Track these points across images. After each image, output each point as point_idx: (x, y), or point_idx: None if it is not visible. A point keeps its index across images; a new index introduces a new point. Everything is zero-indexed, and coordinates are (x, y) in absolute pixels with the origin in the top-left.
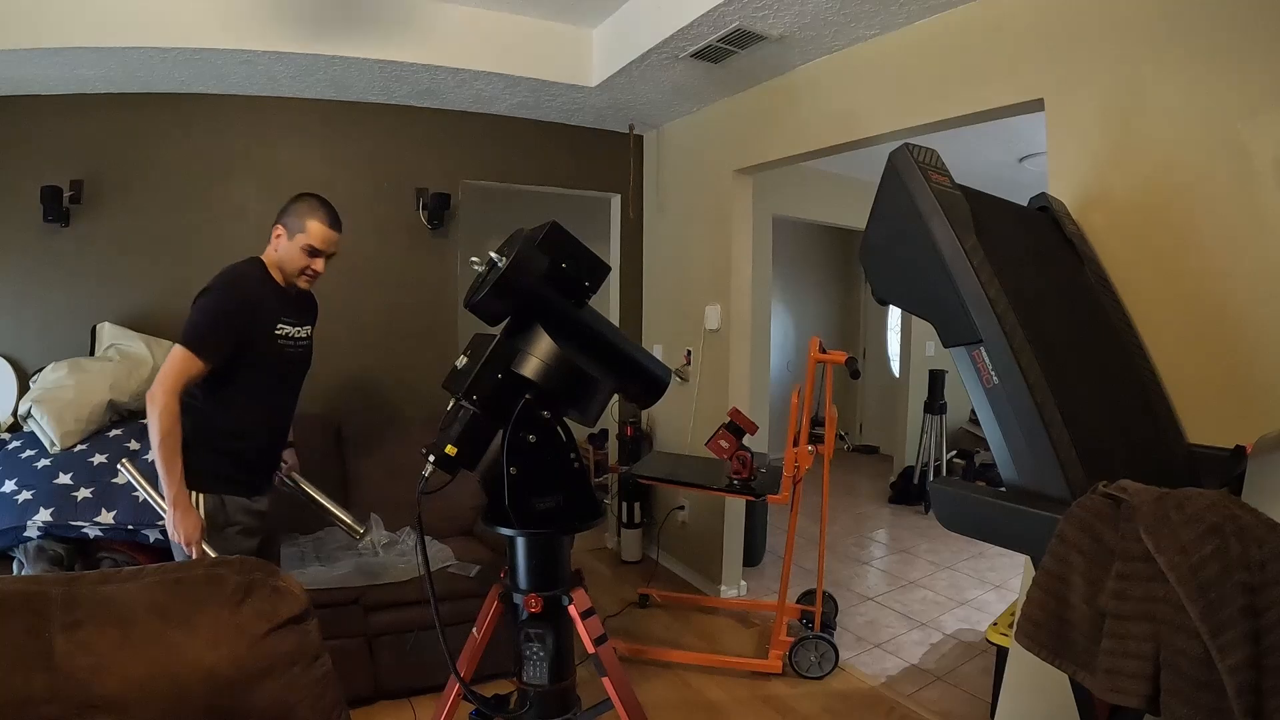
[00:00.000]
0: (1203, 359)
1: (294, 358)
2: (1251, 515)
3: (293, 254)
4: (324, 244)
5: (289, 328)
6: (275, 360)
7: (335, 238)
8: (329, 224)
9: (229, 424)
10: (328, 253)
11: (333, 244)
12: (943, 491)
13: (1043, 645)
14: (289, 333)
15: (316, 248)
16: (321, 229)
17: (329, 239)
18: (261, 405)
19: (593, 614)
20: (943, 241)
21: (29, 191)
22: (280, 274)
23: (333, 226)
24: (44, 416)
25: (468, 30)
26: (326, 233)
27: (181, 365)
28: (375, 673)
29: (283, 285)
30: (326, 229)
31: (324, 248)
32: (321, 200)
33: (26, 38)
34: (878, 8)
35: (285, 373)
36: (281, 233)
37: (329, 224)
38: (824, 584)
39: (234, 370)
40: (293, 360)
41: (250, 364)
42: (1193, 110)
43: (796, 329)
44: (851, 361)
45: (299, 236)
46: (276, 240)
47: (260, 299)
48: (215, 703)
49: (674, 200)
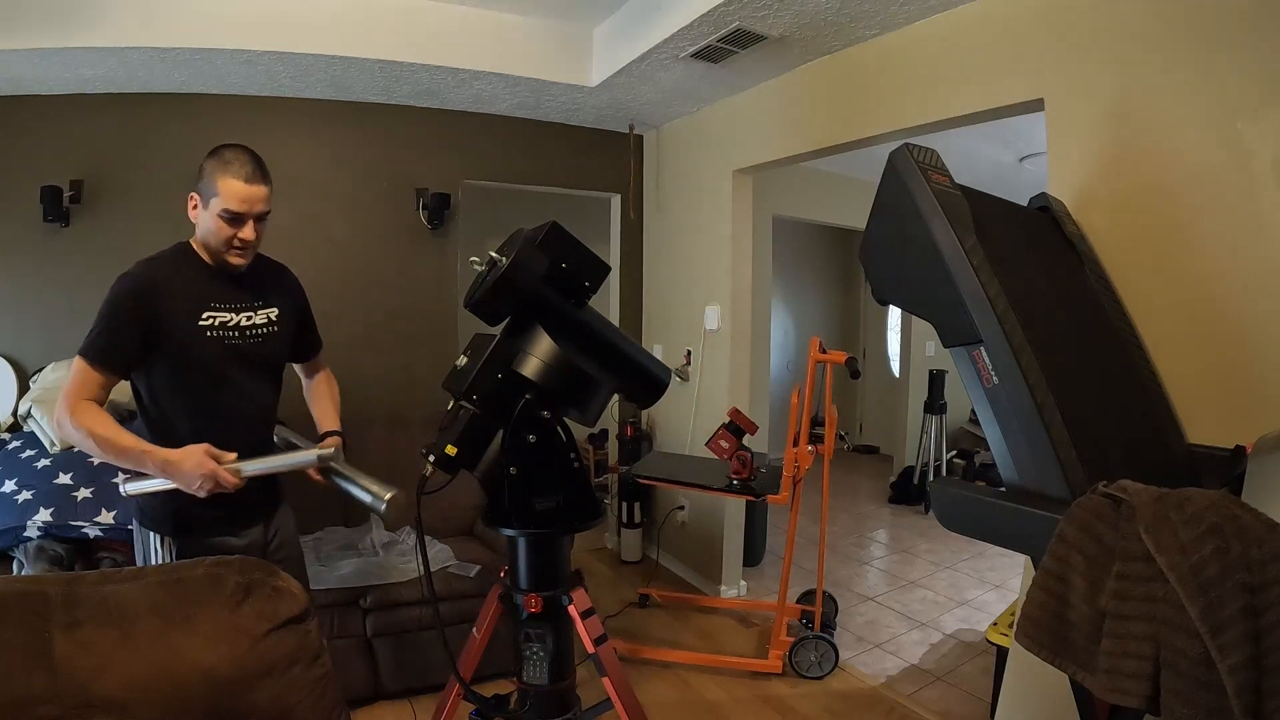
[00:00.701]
0: (1203, 359)
1: (240, 351)
2: (1251, 515)
3: (213, 226)
4: (244, 204)
5: (224, 314)
6: (209, 357)
7: (260, 193)
8: (246, 178)
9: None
10: (254, 213)
11: (259, 201)
12: (943, 491)
13: (1043, 645)
14: (225, 320)
15: (235, 211)
16: (237, 186)
17: (250, 196)
18: (204, 416)
19: (593, 614)
20: (943, 241)
21: (29, 191)
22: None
23: (252, 181)
24: (44, 417)
25: (467, 30)
26: (245, 189)
27: (76, 378)
28: (375, 673)
29: (213, 265)
30: (244, 184)
31: (245, 209)
32: (237, 150)
33: (26, 38)
34: (878, 8)
35: (226, 371)
36: (196, 201)
37: (246, 178)
38: (824, 584)
39: (157, 377)
40: (239, 354)
41: (174, 366)
42: (1193, 110)
43: (796, 329)
44: (851, 361)
45: (214, 202)
46: (193, 212)
47: (169, 283)
48: (215, 703)
49: (674, 200)
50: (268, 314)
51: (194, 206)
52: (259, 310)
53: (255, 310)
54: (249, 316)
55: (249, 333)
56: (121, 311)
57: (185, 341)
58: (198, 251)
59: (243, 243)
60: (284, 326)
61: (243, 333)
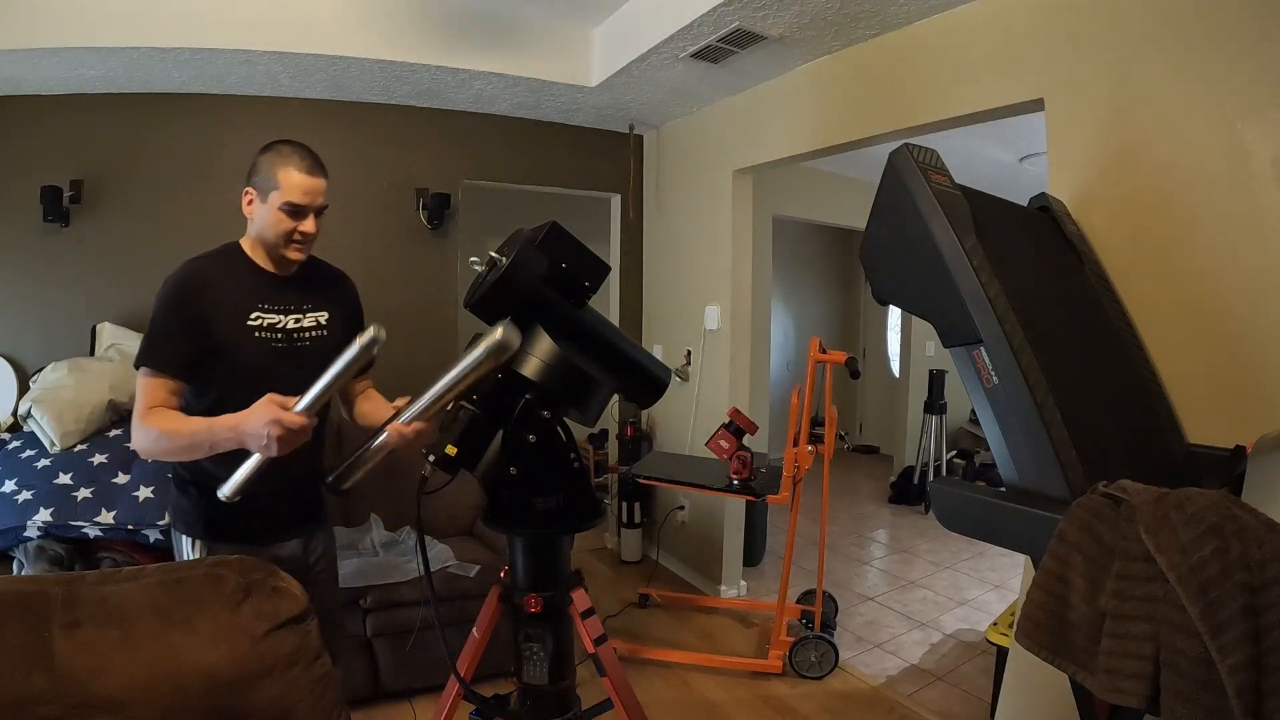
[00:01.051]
0: (1203, 359)
1: (288, 354)
2: (1251, 515)
3: (272, 220)
4: (306, 197)
5: (272, 316)
6: (255, 359)
7: (320, 185)
8: (308, 170)
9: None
10: (314, 207)
11: (318, 194)
12: (943, 491)
13: (1043, 645)
14: (274, 322)
15: (297, 203)
16: (299, 179)
17: (311, 189)
18: None
19: (593, 614)
20: (943, 241)
21: (29, 191)
22: (263, 250)
23: (313, 173)
24: (44, 416)
25: (467, 30)
26: (306, 181)
27: (139, 394)
28: (375, 673)
29: (264, 266)
30: (306, 176)
31: (307, 201)
32: (293, 145)
33: (26, 38)
34: (878, 8)
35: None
36: (253, 196)
37: (308, 170)
38: (824, 584)
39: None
40: (288, 357)
41: (223, 368)
42: (1193, 110)
43: (796, 329)
44: (851, 361)
45: (273, 195)
46: (249, 208)
47: (217, 280)
48: (215, 703)
49: (674, 200)
50: (316, 317)
51: (249, 202)
52: (307, 313)
53: (304, 313)
54: (297, 319)
55: (296, 336)
56: (170, 311)
57: (233, 341)
58: (247, 252)
59: (303, 236)
60: (333, 332)
61: (289, 336)
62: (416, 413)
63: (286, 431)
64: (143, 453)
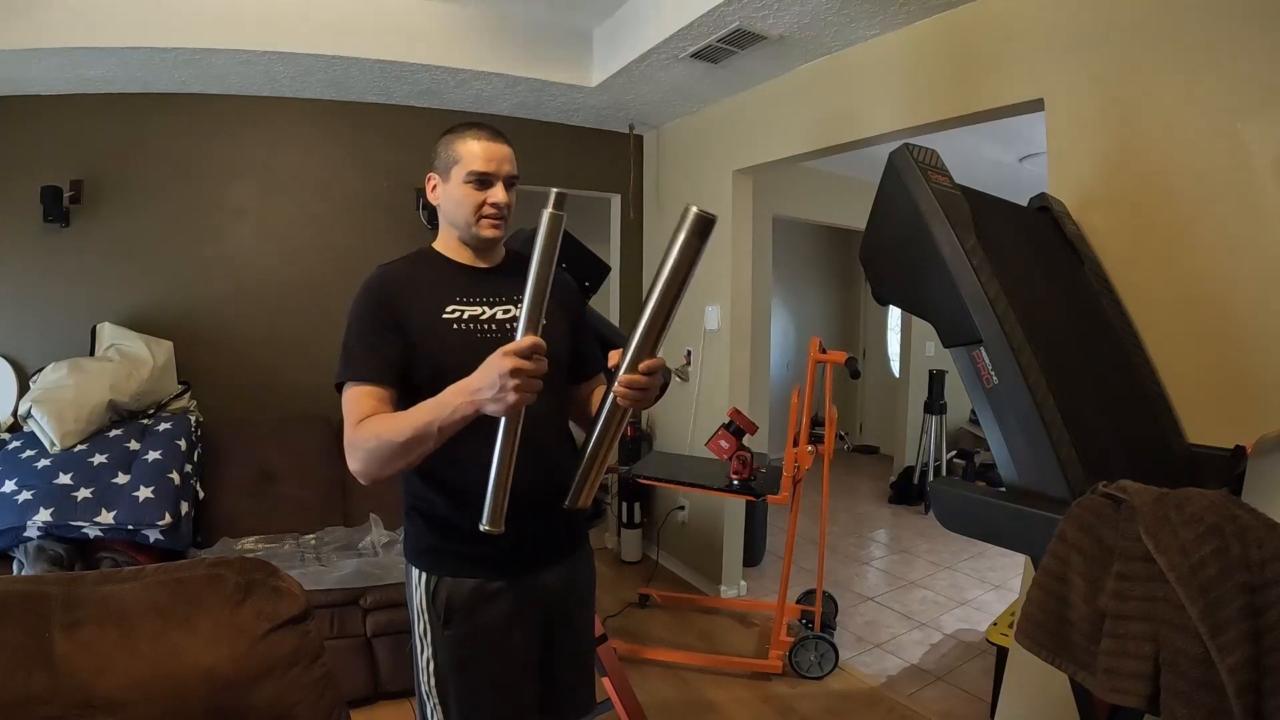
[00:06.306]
0: (1203, 359)
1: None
2: (1251, 515)
3: (459, 196)
4: (490, 163)
5: (473, 308)
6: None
7: (504, 151)
8: (489, 138)
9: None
10: (503, 174)
11: (504, 160)
12: (943, 491)
13: (1043, 645)
14: (476, 314)
15: (483, 172)
16: (480, 146)
17: (495, 154)
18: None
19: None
20: (943, 241)
21: (29, 191)
22: (456, 240)
23: (495, 139)
24: (44, 416)
25: (467, 30)
26: (489, 146)
27: (349, 406)
28: (375, 673)
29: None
30: (487, 143)
31: (493, 169)
32: (470, 123)
33: (26, 38)
34: (878, 8)
35: None
36: (435, 180)
37: (489, 138)
38: (824, 584)
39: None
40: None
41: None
42: (1193, 110)
43: (796, 329)
44: (851, 361)
45: (455, 170)
46: (433, 193)
47: (408, 278)
48: (215, 703)
49: (674, 200)
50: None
51: (433, 187)
52: (518, 304)
53: (515, 304)
54: (506, 310)
55: (507, 326)
56: (364, 316)
57: (431, 337)
58: (440, 251)
59: (495, 207)
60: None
61: (500, 326)
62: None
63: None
64: (362, 474)
